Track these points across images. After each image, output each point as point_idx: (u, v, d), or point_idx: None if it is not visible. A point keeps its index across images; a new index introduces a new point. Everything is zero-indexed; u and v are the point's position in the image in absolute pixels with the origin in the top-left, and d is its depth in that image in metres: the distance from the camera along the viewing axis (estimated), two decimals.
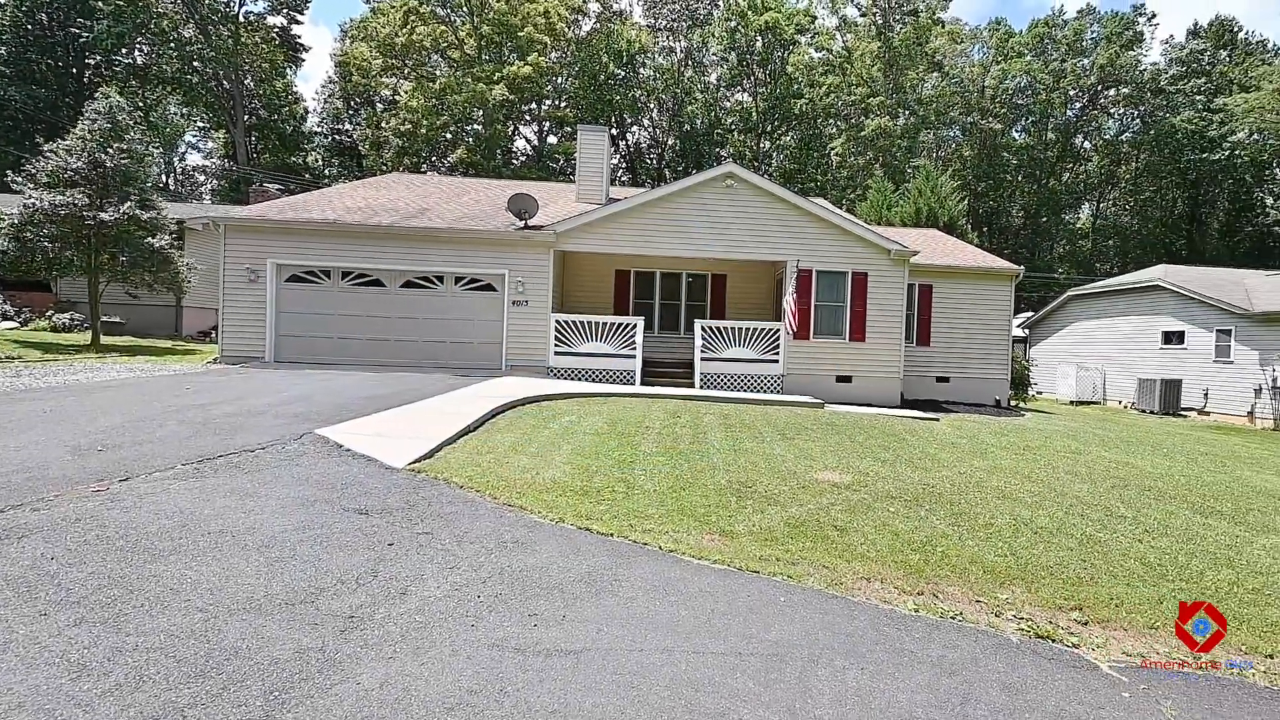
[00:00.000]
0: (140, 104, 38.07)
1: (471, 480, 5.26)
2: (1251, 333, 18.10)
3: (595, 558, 3.94)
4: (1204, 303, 19.30)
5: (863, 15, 45.60)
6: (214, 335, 18.66)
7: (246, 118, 43.36)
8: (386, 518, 4.28)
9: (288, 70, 45.74)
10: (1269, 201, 43.58)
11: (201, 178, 53.20)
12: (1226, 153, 41.81)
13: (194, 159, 55.78)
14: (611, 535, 4.35)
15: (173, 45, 38.05)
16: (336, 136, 51.51)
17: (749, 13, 44.65)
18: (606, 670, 2.73)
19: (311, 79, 79.08)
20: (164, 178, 48.38)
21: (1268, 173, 44.27)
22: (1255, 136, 40.31)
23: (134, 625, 2.74)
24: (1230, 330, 18.66)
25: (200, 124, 49.53)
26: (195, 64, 39.59)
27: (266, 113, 45.40)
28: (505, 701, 2.45)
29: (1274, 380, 17.34)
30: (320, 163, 51.40)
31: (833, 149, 43.47)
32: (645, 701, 2.53)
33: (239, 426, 6.37)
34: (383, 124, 43.04)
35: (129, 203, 15.24)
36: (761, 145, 47.64)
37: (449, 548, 3.90)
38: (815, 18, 46.78)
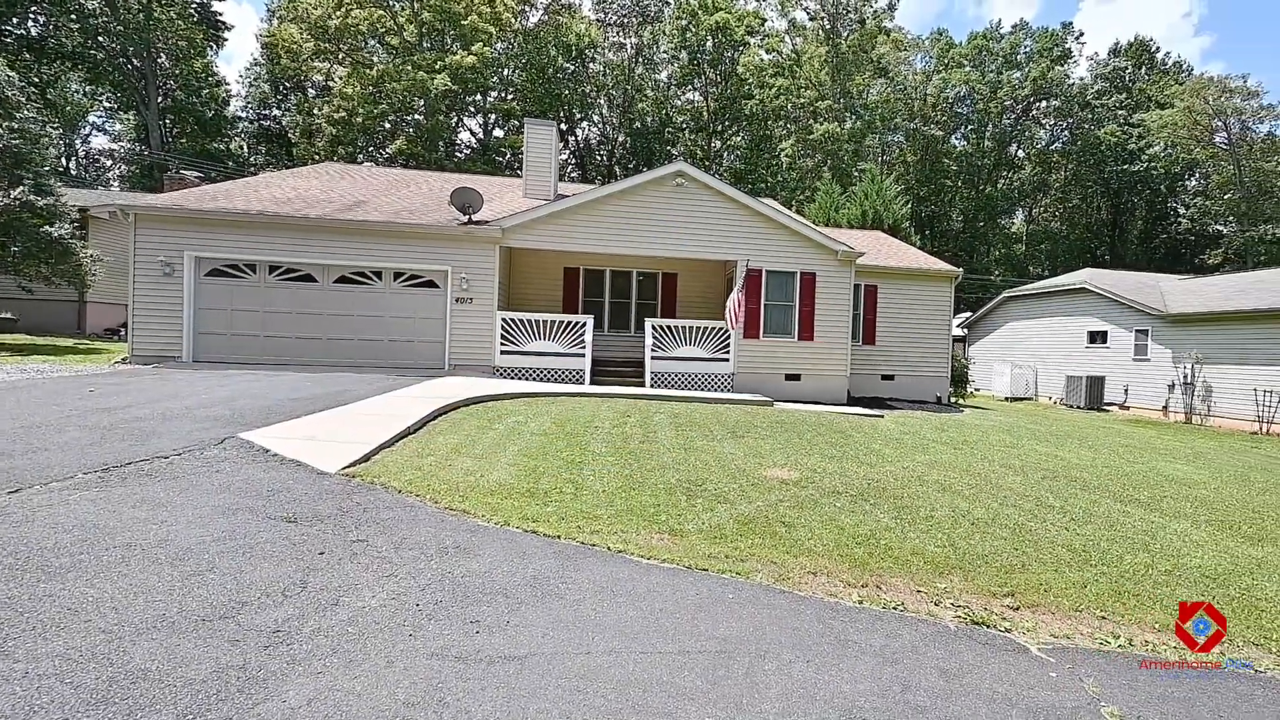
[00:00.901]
0: (35, 79, 34.36)
1: (411, 484, 5.06)
2: (1166, 333, 19.40)
3: (541, 561, 3.85)
4: (1125, 305, 20.59)
5: (812, 20, 46.68)
6: (123, 333, 17.46)
7: (160, 99, 40.02)
8: (317, 525, 4.05)
9: (208, 50, 42.54)
10: (1181, 211, 47.00)
11: (109, 162, 49.07)
12: (1144, 165, 44.86)
13: (100, 141, 51.38)
14: (558, 537, 4.26)
15: (74, 16, 34.39)
16: (263, 122, 48.62)
17: (700, 12, 45.01)
18: (552, 675, 2.65)
19: (236, 59, 74.93)
20: (64, 161, 44.53)
21: (1180, 184, 47.82)
22: (1168, 151, 43.33)
23: (24, 650, 2.49)
24: (1148, 330, 19.97)
25: (107, 104, 45.33)
26: (100, 38, 36.11)
27: (183, 94, 42.07)
28: (445, 713, 2.34)
29: (1185, 377, 18.67)
30: (245, 150, 48.32)
31: (782, 150, 44.31)
32: (591, 705, 2.47)
33: (152, 431, 5.92)
34: (315, 111, 41.01)
35: (21, 187, 14.05)
36: (712, 145, 48.15)
37: (386, 555, 3.72)
38: (765, 20, 47.60)
